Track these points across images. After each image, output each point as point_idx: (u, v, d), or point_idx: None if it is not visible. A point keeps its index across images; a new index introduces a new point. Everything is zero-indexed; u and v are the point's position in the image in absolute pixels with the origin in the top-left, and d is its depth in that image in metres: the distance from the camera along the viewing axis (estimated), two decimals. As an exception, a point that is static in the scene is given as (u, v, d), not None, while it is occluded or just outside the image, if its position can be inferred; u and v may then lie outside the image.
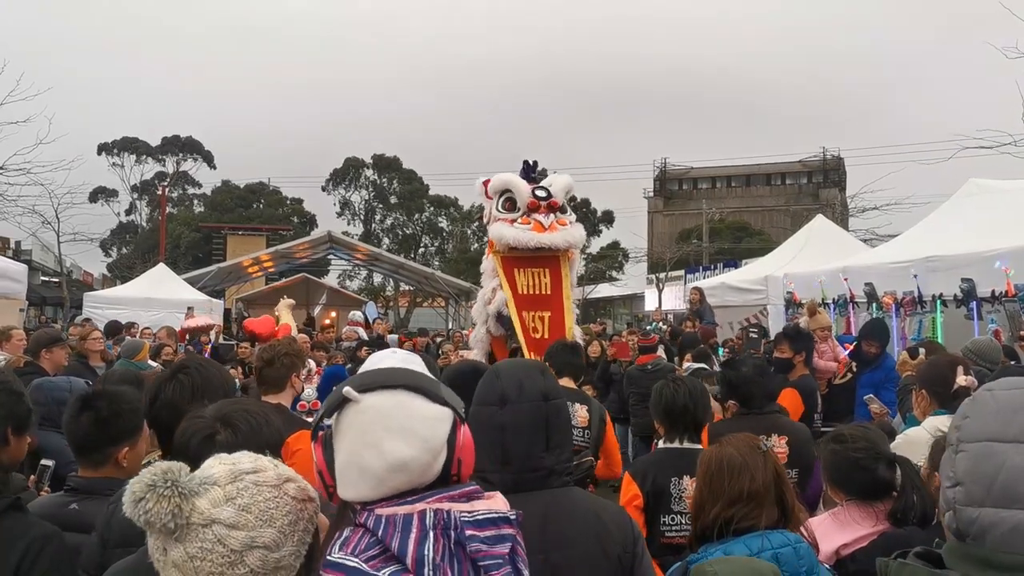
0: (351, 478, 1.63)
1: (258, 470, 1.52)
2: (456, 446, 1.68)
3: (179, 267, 33.36)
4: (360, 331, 14.71)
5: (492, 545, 1.62)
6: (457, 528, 1.60)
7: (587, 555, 2.21)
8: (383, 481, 1.61)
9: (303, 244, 31.83)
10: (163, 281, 20.51)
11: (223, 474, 1.49)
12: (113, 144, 57.24)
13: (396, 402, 1.65)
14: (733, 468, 2.58)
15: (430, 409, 1.67)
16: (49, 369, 6.11)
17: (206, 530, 1.42)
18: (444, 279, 31.54)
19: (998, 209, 8.88)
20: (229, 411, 2.12)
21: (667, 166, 66.99)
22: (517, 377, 2.32)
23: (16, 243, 34.21)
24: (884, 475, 2.95)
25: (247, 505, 1.46)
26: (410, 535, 1.56)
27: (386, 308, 44.70)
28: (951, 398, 4.07)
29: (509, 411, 2.24)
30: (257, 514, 1.46)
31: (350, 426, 1.65)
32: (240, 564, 1.43)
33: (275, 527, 1.47)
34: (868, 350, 7.25)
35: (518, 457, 2.22)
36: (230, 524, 1.43)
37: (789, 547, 2.44)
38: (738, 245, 44.92)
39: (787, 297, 12.43)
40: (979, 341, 5.86)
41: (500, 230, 6.67)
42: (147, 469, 1.44)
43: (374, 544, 1.57)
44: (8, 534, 2.19)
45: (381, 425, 1.62)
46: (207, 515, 1.43)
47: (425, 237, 56.50)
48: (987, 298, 7.58)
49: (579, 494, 2.38)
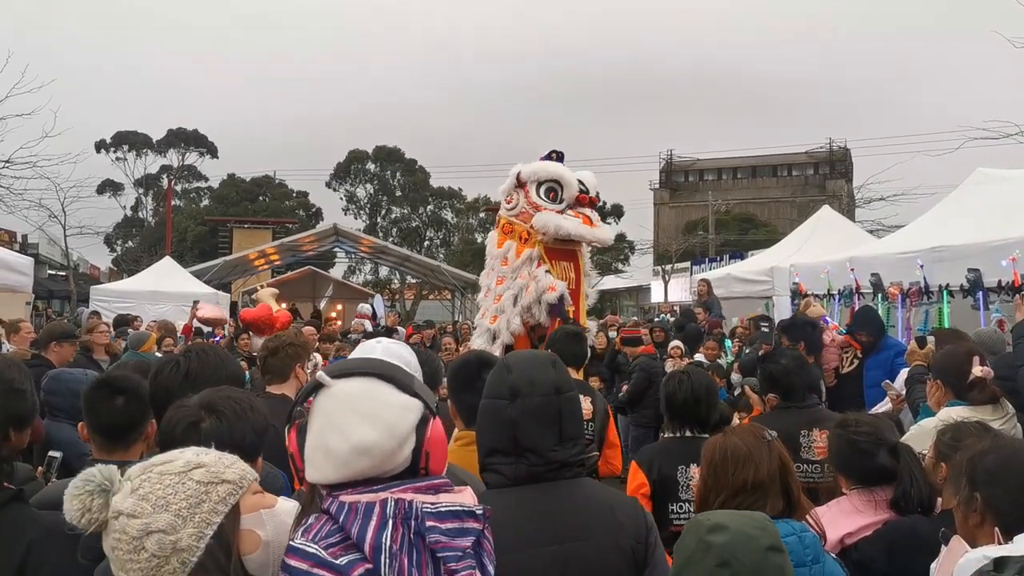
0: (317, 460, 1.67)
1: (169, 460, 1.62)
2: (424, 438, 1.71)
3: (185, 260, 33.41)
4: (366, 323, 14.72)
5: (453, 538, 1.64)
6: (418, 518, 1.62)
7: (600, 547, 2.19)
8: (347, 464, 1.64)
9: (309, 237, 31.88)
10: (169, 274, 20.57)
11: (136, 470, 1.61)
12: (115, 138, 57.28)
13: (365, 388, 1.70)
14: (738, 458, 2.58)
15: (398, 398, 1.71)
16: (56, 362, 6.12)
17: (115, 522, 1.55)
18: (450, 271, 31.54)
19: (1005, 198, 8.83)
20: (213, 398, 2.16)
21: (673, 158, 66.80)
22: (528, 370, 2.28)
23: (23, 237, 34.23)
24: (884, 461, 2.95)
25: (145, 494, 1.56)
26: (370, 523, 1.60)
27: (392, 301, 44.73)
28: (966, 389, 4.05)
29: (520, 405, 2.21)
30: (153, 501, 1.55)
31: (321, 410, 1.70)
32: (141, 549, 1.53)
33: (170, 511, 1.54)
34: (861, 340, 7.26)
35: (530, 450, 2.20)
36: (129, 513, 1.54)
37: (794, 536, 2.44)
38: (744, 237, 44.81)
39: (793, 288, 12.39)
40: (983, 331, 5.84)
41: (556, 220, 6.53)
42: (84, 472, 1.59)
43: (335, 531, 1.60)
44: (11, 527, 2.19)
45: (349, 408, 1.67)
46: (115, 508, 1.55)
47: (430, 230, 56.47)
48: (994, 288, 7.55)
49: (592, 485, 2.37)
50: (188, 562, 1.53)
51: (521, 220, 6.73)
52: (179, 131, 58.70)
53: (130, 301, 18.11)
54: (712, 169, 66.65)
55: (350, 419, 1.66)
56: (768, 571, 1.68)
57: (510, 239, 6.79)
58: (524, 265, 6.63)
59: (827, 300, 10.87)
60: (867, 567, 2.83)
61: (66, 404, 4.09)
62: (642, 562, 2.24)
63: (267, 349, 4.17)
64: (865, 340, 7.18)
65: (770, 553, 1.70)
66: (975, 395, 3.99)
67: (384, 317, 18.10)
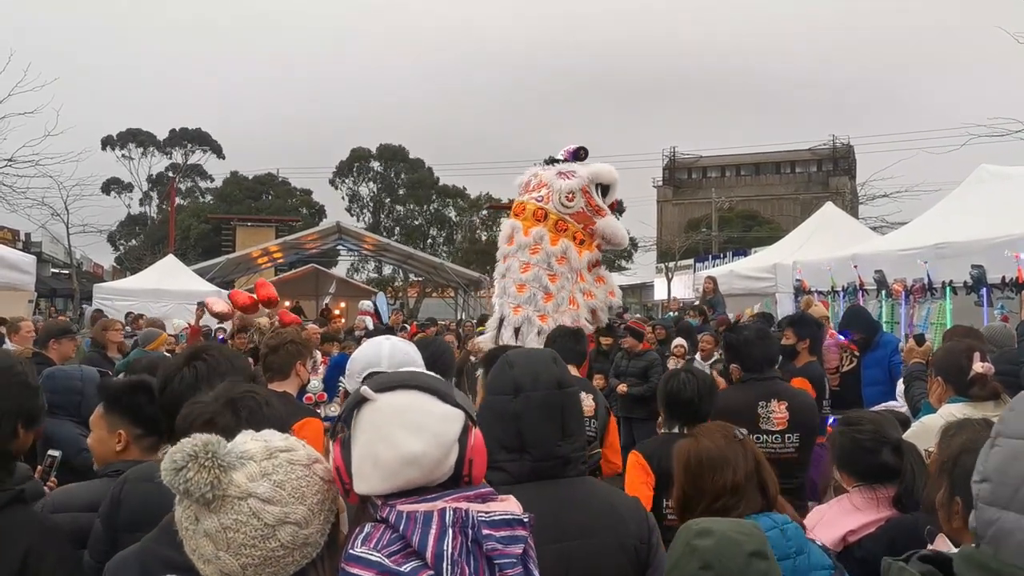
0: (365, 471, 1.69)
1: (290, 448, 1.58)
2: (467, 446, 1.74)
3: (188, 258, 33.44)
4: (368, 320, 14.71)
5: (507, 545, 1.68)
6: (475, 527, 1.66)
7: (603, 545, 2.21)
8: (396, 474, 1.67)
9: (312, 235, 31.86)
10: (173, 272, 20.58)
11: (258, 450, 1.54)
12: (119, 137, 57.38)
13: (410, 400, 1.73)
14: (714, 463, 2.59)
15: (441, 408, 1.74)
16: (56, 360, 6.12)
17: (242, 503, 1.47)
18: (453, 269, 31.53)
19: (1008, 195, 8.81)
20: (229, 395, 2.13)
21: (676, 155, 66.77)
22: (531, 366, 2.33)
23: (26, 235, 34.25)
24: (888, 459, 2.94)
25: (281, 481, 1.51)
26: (430, 531, 1.63)
27: (395, 298, 44.75)
28: (967, 385, 4.04)
29: (523, 400, 2.24)
30: (290, 491, 1.51)
31: (367, 423, 1.72)
32: (272, 538, 1.47)
33: (306, 505, 1.52)
34: (858, 338, 7.26)
35: (534, 446, 2.23)
36: (265, 499, 1.48)
37: (776, 529, 2.47)
38: (747, 234, 44.81)
39: (796, 285, 12.38)
40: (992, 327, 5.83)
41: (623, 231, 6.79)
42: (186, 440, 1.48)
43: (396, 540, 1.63)
44: (11, 528, 2.18)
45: (395, 421, 1.70)
46: (244, 488, 1.48)
47: (433, 228, 56.48)
48: (997, 284, 7.54)
49: (595, 484, 2.39)
50: (308, 557, 1.53)
51: (575, 219, 6.68)
52: (183, 130, 58.79)
53: (133, 299, 18.13)
54: (715, 166, 66.60)
55: (397, 431, 1.69)
56: None
57: (565, 237, 6.72)
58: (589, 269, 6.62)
59: (831, 297, 10.86)
60: (870, 564, 2.81)
61: (63, 401, 4.09)
62: (644, 562, 2.25)
63: (268, 347, 4.17)
64: (859, 339, 7.18)
65: (753, 559, 1.72)
66: (976, 391, 3.99)
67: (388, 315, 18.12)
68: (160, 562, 1.91)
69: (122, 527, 2.26)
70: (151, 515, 2.13)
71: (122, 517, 2.29)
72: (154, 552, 1.96)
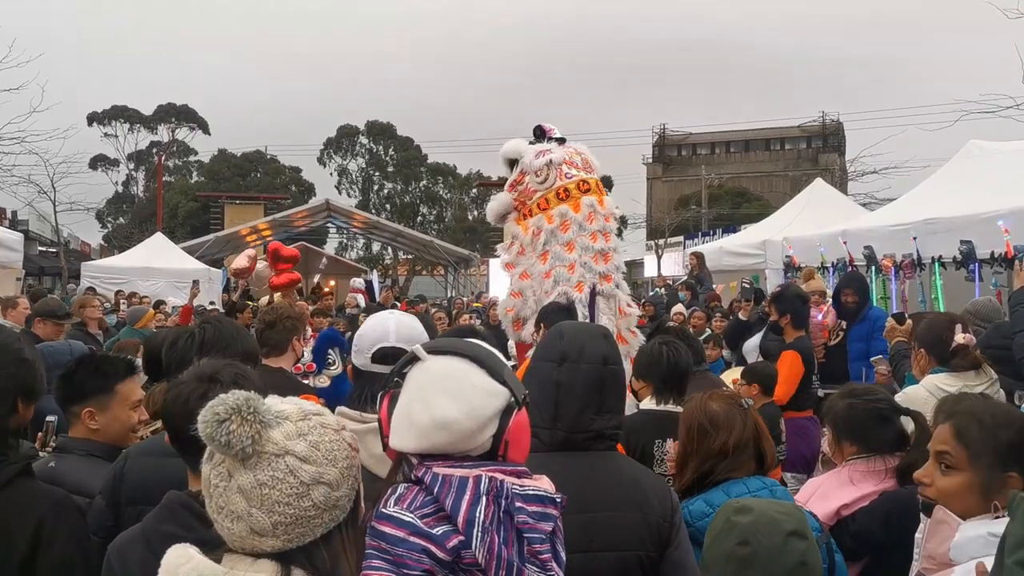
0: (401, 427, 1.73)
1: (321, 412, 1.59)
2: (507, 427, 1.74)
3: (177, 236, 33.29)
4: (360, 298, 14.69)
5: (537, 521, 1.70)
6: (508, 498, 1.68)
7: (627, 520, 2.24)
8: (427, 435, 1.69)
9: (301, 212, 31.78)
10: (161, 250, 20.52)
11: (294, 411, 1.55)
12: (104, 113, 56.84)
13: (456, 367, 1.76)
14: (717, 424, 2.73)
15: (487, 382, 1.75)
16: (43, 336, 6.16)
17: (279, 460, 1.47)
18: (443, 247, 31.52)
19: (998, 170, 8.84)
20: (212, 370, 2.17)
21: (666, 132, 66.64)
22: (579, 338, 2.38)
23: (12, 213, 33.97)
24: (903, 428, 2.95)
25: (316, 442, 1.51)
26: (464, 497, 1.64)
27: (385, 276, 44.69)
28: (949, 356, 4.11)
29: (567, 370, 2.28)
30: (324, 452, 1.51)
31: (412, 381, 1.77)
32: (306, 497, 1.48)
33: (337, 467, 1.52)
34: (847, 300, 7.32)
35: (569, 416, 2.27)
36: (302, 457, 1.48)
37: (765, 490, 2.59)
38: (737, 211, 44.83)
39: (786, 261, 12.40)
40: (978, 302, 5.87)
41: None
42: (226, 395, 1.48)
43: (429, 502, 1.65)
44: (21, 500, 2.19)
45: (438, 384, 1.73)
46: (281, 446, 1.48)
47: (423, 206, 56.32)
48: (986, 259, 7.58)
49: (622, 460, 2.42)
50: (336, 520, 1.53)
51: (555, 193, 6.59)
52: (169, 106, 58.26)
53: (122, 277, 18.07)
54: (705, 143, 66.53)
55: (436, 394, 1.71)
56: (788, 554, 1.71)
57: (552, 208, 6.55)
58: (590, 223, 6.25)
59: (821, 273, 10.90)
60: (864, 538, 2.84)
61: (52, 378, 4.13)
62: (666, 540, 2.28)
63: (264, 322, 4.19)
64: (851, 301, 7.24)
65: (792, 538, 1.73)
66: (957, 362, 4.07)
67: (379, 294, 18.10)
68: (164, 538, 1.92)
69: (124, 501, 2.28)
70: (152, 490, 2.16)
71: (124, 491, 2.31)
72: (157, 530, 1.98)
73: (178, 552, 1.51)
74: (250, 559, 1.50)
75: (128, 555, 1.99)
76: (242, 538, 1.49)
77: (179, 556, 1.51)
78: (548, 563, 1.69)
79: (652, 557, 2.24)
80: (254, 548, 1.49)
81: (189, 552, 1.51)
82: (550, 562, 1.69)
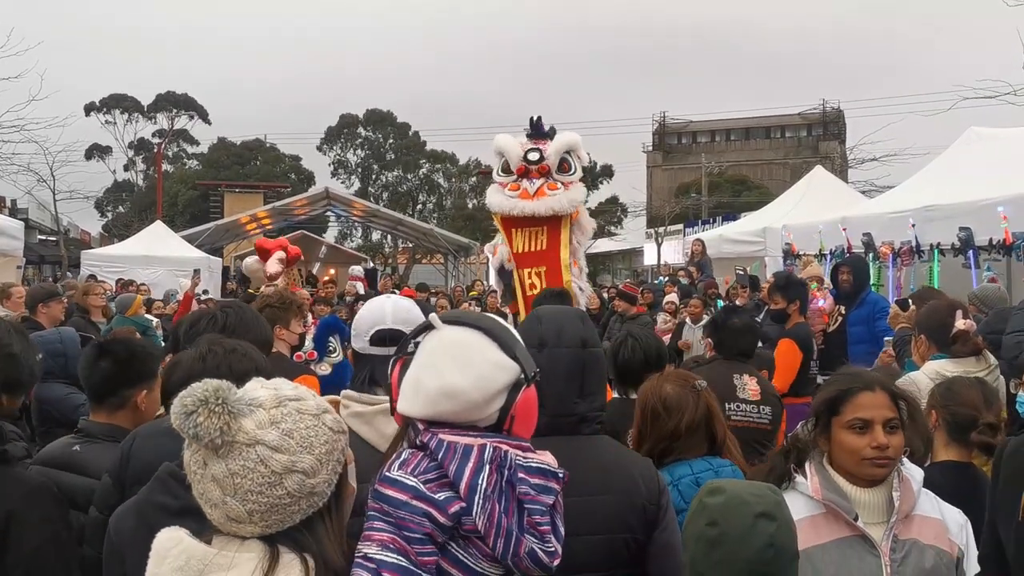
0: (409, 393, 1.76)
1: (300, 398, 1.59)
2: (515, 402, 1.76)
3: (176, 225, 33.23)
4: (359, 286, 14.75)
5: (539, 493, 1.72)
6: (511, 468, 1.70)
7: (613, 503, 2.24)
8: (433, 402, 1.72)
9: (301, 201, 31.69)
10: (161, 238, 20.50)
11: (268, 398, 1.55)
12: (102, 103, 56.67)
13: (469, 338, 1.79)
14: (668, 408, 2.83)
15: (498, 356, 1.77)
16: (46, 324, 6.12)
17: (250, 450, 1.48)
18: (443, 235, 31.43)
19: (997, 157, 8.85)
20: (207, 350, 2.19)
21: (666, 120, 66.47)
22: (558, 322, 2.36)
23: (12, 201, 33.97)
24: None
25: (290, 430, 1.52)
26: (467, 464, 1.67)
27: (384, 264, 44.69)
28: (950, 342, 4.11)
29: (547, 354, 2.27)
30: (298, 440, 1.52)
31: (425, 348, 1.79)
32: (279, 486, 1.49)
33: (313, 454, 1.53)
34: (842, 279, 7.35)
35: (551, 401, 2.24)
36: (273, 447, 1.49)
37: (710, 471, 2.72)
38: (737, 199, 44.76)
39: (785, 248, 12.42)
40: (985, 288, 5.89)
41: (490, 196, 6.68)
42: (196, 384, 1.49)
43: (432, 468, 1.67)
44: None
45: (449, 353, 1.76)
46: (252, 435, 1.49)
47: (422, 194, 56.23)
48: (984, 247, 7.59)
49: (608, 443, 2.42)
50: (315, 506, 1.54)
51: None
52: (168, 95, 58.08)
53: (122, 266, 18.07)
54: (705, 131, 66.34)
55: (446, 362, 1.74)
56: (756, 536, 1.72)
57: None
58: None
59: (820, 260, 10.92)
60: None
61: (49, 364, 4.14)
62: (653, 522, 2.28)
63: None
64: (845, 280, 7.26)
65: (761, 519, 1.74)
66: (958, 348, 4.07)
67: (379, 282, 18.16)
68: (154, 508, 1.96)
69: (130, 481, 2.30)
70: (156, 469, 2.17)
71: (131, 472, 2.33)
72: (148, 500, 2.01)
73: (168, 535, 1.53)
74: (239, 540, 1.52)
75: (122, 526, 2.02)
76: (222, 524, 1.52)
77: (169, 539, 1.53)
78: (547, 535, 1.70)
79: (639, 540, 2.25)
80: (235, 533, 1.52)
81: (179, 535, 1.53)
82: (549, 535, 1.71)
